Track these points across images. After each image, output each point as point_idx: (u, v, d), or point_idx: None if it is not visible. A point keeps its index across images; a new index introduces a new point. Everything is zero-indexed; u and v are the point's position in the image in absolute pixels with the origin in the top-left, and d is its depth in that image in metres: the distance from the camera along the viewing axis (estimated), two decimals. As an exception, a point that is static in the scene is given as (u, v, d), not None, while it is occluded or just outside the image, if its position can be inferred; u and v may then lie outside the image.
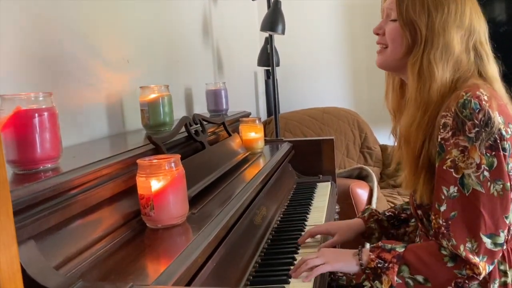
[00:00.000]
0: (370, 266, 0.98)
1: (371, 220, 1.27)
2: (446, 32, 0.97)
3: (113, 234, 0.85)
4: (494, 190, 0.90)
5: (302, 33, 3.27)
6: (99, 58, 1.34)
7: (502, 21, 2.97)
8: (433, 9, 0.98)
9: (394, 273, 0.94)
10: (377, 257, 0.98)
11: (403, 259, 0.95)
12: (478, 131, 0.90)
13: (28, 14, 1.07)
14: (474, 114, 0.90)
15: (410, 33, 1.00)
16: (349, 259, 1.02)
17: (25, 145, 0.78)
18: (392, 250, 0.97)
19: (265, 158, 1.67)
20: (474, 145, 0.90)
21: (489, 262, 0.91)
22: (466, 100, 0.91)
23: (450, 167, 0.93)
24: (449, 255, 0.93)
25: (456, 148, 0.92)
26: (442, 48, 0.97)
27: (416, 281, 0.94)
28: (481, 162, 0.90)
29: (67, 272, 0.69)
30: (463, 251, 0.90)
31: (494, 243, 0.91)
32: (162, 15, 1.78)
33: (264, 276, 1.03)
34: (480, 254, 0.90)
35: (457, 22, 0.98)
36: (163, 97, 1.36)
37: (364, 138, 2.88)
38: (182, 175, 0.93)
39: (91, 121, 1.30)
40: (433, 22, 0.98)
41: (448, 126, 0.93)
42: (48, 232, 0.71)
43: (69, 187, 0.77)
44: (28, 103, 0.79)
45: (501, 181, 0.90)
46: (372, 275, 0.97)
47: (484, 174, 0.90)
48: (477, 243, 0.90)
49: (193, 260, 0.75)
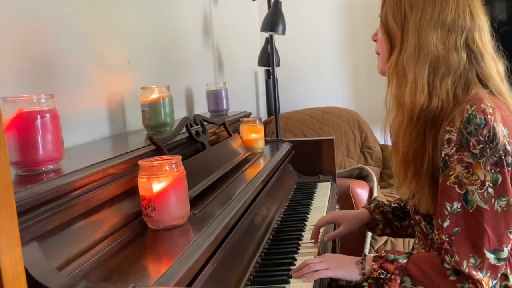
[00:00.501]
0: (372, 276, 0.98)
1: (376, 211, 1.28)
2: (420, 32, 0.95)
3: (115, 235, 0.85)
4: (499, 206, 0.89)
5: (302, 33, 3.27)
6: (100, 59, 1.35)
7: (503, 21, 2.97)
8: (408, 10, 0.96)
9: (397, 285, 0.95)
10: (380, 267, 0.97)
11: (406, 270, 0.95)
12: (483, 148, 0.88)
13: (28, 17, 1.08)
14: (479, 130, 0.88)
15: (389, 37, 1.01)
16: (352, 268, 1.02)
17: (28, 147, 0.78)
18: (395, 261, 0.97)
19: (266, 158, 1.68)
20: (478, 162, 0.89)
21: (492, 277, 0.90)
22: (471, 115, 0.89)
23: (454, 183, 0.91)
24: (452, 269, 0.92)
25: (460, 164, 0.90)
26: (414, 49, 0.95)
27: None
28: (485, 179, 0.89)
29: (69, 273, 0.70)
30: (466, 267, 0.89)
31: (497, 258, 0.90)
32: (162, 16, 1.79)
33: (265, 276, 1.04)
34: (483, 270, 0.89)
35: (434, 21, 0.95)
36: (164, 97, 1.37)
37: (364, 138, 2.89)
38: (183, 176, 0.93)
39: (92, 121, 1.30)
40: (408, 23, 0.96)
41: (452, 142, 0.91)
42: (50, 233, 0.72)
43: (71, 189, 0.78)
44: (31, 105, 0.79)
45: (506, 197, 0.89)
46: (374, 285, 0.97)
47: (489, 191, 0.89)
48: (480, 259, 0.89)
49: (194, 261, 0.76)
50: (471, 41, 0.97)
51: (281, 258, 1.14)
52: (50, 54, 1.14)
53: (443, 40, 0.95)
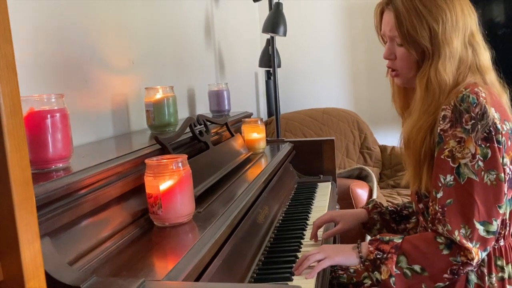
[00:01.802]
0: (369, 258, 1.02)
1: (374, 211, 1.30)
2: (449, 40, 1.02)
3: (122, 232, 0.87)
4: (488, 179, 0.95)
5: (303, 34, 3.29)
6: (105, 59, 1.36)
7: (501, 23, 3.00)
8: (432, 23, 1.02)
9: (393, 263, 0.98)
10: (376, 248, 1.02)
11: (401, 249, 0.99)
12: (474, 123, 0.95)
13: (35, 18, 1.09)
14: (471, 108, 0.96)
15: (417, 52, 1.05)
16: (349, 253, 1.06)
17: (38, 145, 0.80)
18: (390, 241, 1.02)
19: (267, 158, 1.69)
20: (470, 136, 0.95)
21: (481, 249, 0.95)
22: (465, 95, 0.97)
23: (447, 156, 0.97)
24: (444, 243, 0.96)
25: (453, 139, 0.97)
26: (448, 56, 1.02)
27: (413, 271, 0.98)
28: (476, 152, 0.95)
29: (79, 268, 0.71)
30: (458, 235, 0.94)
31: (486, 230, 0.94)
32: (166, 18, 1.81)
33: (268, 273, 1.06)
34: (473, 240, 0.94)
35: (455, 27, 1.03)
36: (168, 98, 1.39)
37: (363, 138, 2.91)
38: (189, 174, 0.95)
39: (97, 121, 1.32)
40: (436, 34, 1.02)
41: (447, 118, 0.98)
42: (61, 230, 0.74)
43: (81, 186, 0.79)
44: (41, 104, 0.81)
45: (495, 171, 0.95)
46: (371, 267, 1.01)
47: (479, 164, 0.95)
48: (470, 229, 0.94)
49: (201, 257, 0.78)
50: (471, 37, 1.05)
51: (283, 256, 1.15)
52: (57, 54, 1.16)
53: (461, 41, 1.03)
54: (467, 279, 1.01)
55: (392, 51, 1.10)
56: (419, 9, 1.02)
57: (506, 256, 1.02)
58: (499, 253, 1.03)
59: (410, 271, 0.98)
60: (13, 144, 0.44)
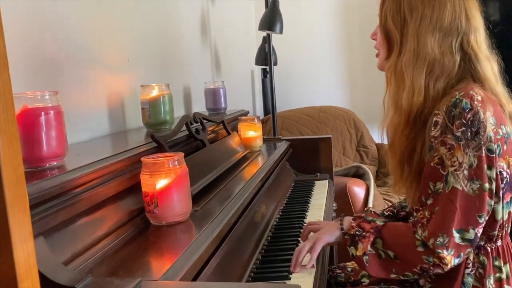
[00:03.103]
0: (349, 232, 1.04)
1: None
2: (419, 37, 0.97)
3: (118, 231, 0.86)
4: (470, 188, 0.92)
5: (299, 32, 3.28)
6: (100, 57, 1.35)
7: (496, 21, 3.00)
8: (408, 14, 0.99)
9: (369, 242, 0.99)
10: (357, 225, 1.04)
11: (380, 232, 1.00)
12: (464, 131, 0.92)
13: (29, 15, 1.08)
14: (463, 114, 0.92)
15: (387, 39, 1.04)
16: (331, 228, 1.10)
17: (32, 143, 0.79)
18: (372, 222, 1.03)
19: (264, 157, 1.68)
20: (459, 144, 0.92)
21: (455, 256, 0.93)
22: (458, 99, 0.93)
23: (437, 164, 0.95)
24: (421, 241, 0.96)
25: (443, 146, 0.94)
26: (413, 53, 0.98)
27: (387, 254, 0.99)
28: (463, 161, 0.92)
29: (74, 268, 0.70)
30: (431, 244, 0.93)
31: (462, 237, 0.93)
32: (161, 15, 1.79)
33: (265, 272, 1.05)
34: (449, 248, 0.93)
35: (433, 25, 0.97)
36: (164, 95, 1.37)
37: (360, 136, 2.90)
38: (185, 173, 0.94)
39: (92, 119, 1.30)
40: (407, 27, 0.99)
41: (438, 124, 0.95)
42: (55, 229, 0.72)
43: (75, 185, 0.78)
44: (35, 102, 0.80)
45: (479, 181, 0.93)
46: (349, 241, 1.03)
47: (464, 173, 0.92)
48: (448, 238, 0.93)
49: (198, 256, 0.77)
50: (466, 44, 0.99)
51: (281, 254, 1.14)
52: (51, 52, 1.14)
53: (439, 43, 0.98)
54: (463, 282, 1.00)
55: (375, 31, 1.11)
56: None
57: (504, 256, 1.01)
58: (496, 253, 1.02)
59: (384, 254, 0.99)
60: (5, 140, 0.43)
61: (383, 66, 1.11)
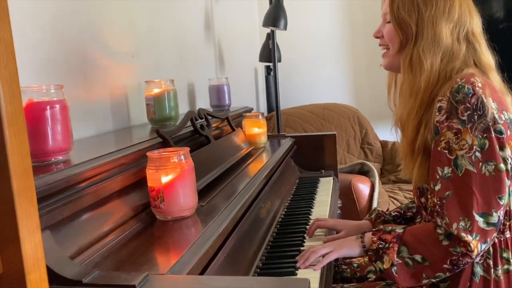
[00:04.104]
0: (372, 248, 1.02)
1: (378, 221, 1.29)
2: (435, 25, 1.03)
3: (124, 226, 0.85)
4: (486, 170, 0.93)
5: (303, 29, 3.27)
6: (104, 53, 1.34)
7: (501, 18, 2.99)
8: (422, 5, 1.04)
9: (395, 252, 0.98)
10: (379, 239, 1.02)
11: (402, 239, 1.00)
12: (470, 114, 0.94)
13: (34, 10, 1.07)
14: (466, 98, 0.95)
15: (403, 31, 1.06)
16: (353, 244, 1.08)
17: (37, 137, 0.78)
18: (392, 231, 1.02)
19: (268, 153, 1.68)
20: (466, 127, 0.94)
21: (481, 241, 0.93)
22: (460, 85, 0.96)
23: (444, 148, 0.97)
24: (444, 234, 0.96)
25: (450, 130, 0.96)
26: (430, 40, 1.03)
27: (414, 260, 0.98)
28: (473, 143, 0.94)
29: (81, 262, 0.70)
30: (455, 229, 0.93)
31: (486, 222, 0.93)
32: (165, 12, 1.78)
33: (271, 268, 1.04)
34: (473, 233, 0.93)
35: (446, 16, 1.03)
36: (169, 91, 1.37)
37: (364, 134, 2.89)
38: (191, 167, 0.93)
39: (97, 115, 1.30)
40: (422, 17, 1.04)
41: (443, 109, 0.97)
42: (61, 223, 0.72)
43: (81, 179, 0.78)
44: (40, 95, 0.79)
45: (493, 161, 0.93)
46: (374, 256, 1.01)
47: (476, 155, 0.94)
48: (470, 222, 0.93)
49: (205, 250, 0.76)
50: (471, 34, 1.06)
51: (287, 250, 1.14)
52: (56, 48, 1.14)
53: (451, 32, 1.04)
54: (472, 272, 1.00)
55: (380, 29, 1.14)
56: None
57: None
58: (504, 245, 1.01)
59: (411, 261, 0.98)
60: (12, 130, 0.42)
61: (392, 64, 1.13)
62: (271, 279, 0.73)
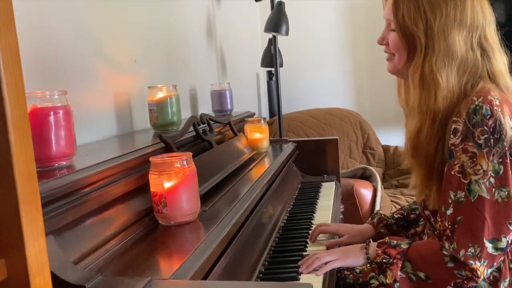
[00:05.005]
0: (376, 260, 1.01)
1: (380, 225, 1.28)
2: (446, 35, 0.94)
3: (127, 231, 0.86)
4: (499, 196, 0.91)
5: (305, 34, 3.28)
6: (107, 58, 1.35)
7: (502, 23, 2.99)
8: (430, 13, 0.95)
9: (398, 269, 0.97)
10: (383, 252, 1.01)
11: (407, 256, 0.98)
12: (487, 138, 0.90)
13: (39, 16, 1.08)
14: (484, 121, 0.90)
15: (408, 42, 0.98)
16: (358, 254, 1.06)
17: (41, 143, 0.78)
18: (397, 247, 1.00)
19: (270, 158, 1.68)
20: (482, 152, 0.90)
21: (488, 266, 0.92)
22: (477, 106, 0.90)
23: (458, 172, 0.93)
24: (449, 256, 0.94)
25: (464, 154, 0.92)
26: (444, 53, 0.94)
27: (418, 277, 0.96)
28: (488, 169, 0.90)
29: (84, 267, 0.70)
30: (462, 256, 0.91)
31: (495, 247, 0.91)
32: (167, 17, 1.79)
33: (274, 273, 1.04)
34: (481, 259, 0.91)
35: (458, 22, 0.94)
36: (171, 96, 1.37)
37: (366, 138, 2.89)
38: (194, 172, 0.93)
39: (100, 120, 1.30)
40: (432, 27, 0.94)
41: (458, 132, 0.92)
42: (65, 228, 0.72)
43: (84, 184, 0.78)
44: (44, 101, 0.80)
45: (506, 188, 0.91)
46: (377, 269, 1.00)
47: (490, 181, 0.91)
48: (480, 248, 0.91)
49: (207, 256, 0.76)
50: (484, 39, 0.98)
51: (289, 255, 1.14)
52: (59, 53, 1.15)
53: (465, 40, 0.95)
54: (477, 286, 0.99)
55: (384, 36, 1.06)
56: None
57: None
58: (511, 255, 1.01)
59: (415, 277, 0.96)
60: (17, 136, 0.43)
61: (399, 71, 1.06)
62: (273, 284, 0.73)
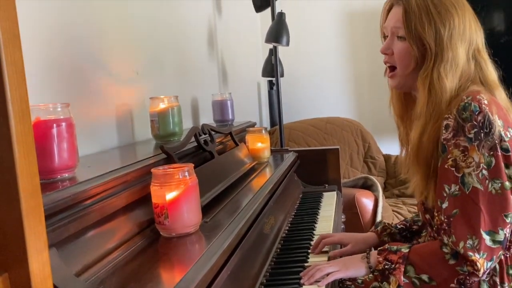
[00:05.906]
0: (378, 268, 1.02)
1: (384, 233, 1.29)
2: (453, 45, 1.02)
3: (129, 243, 0.86)
4: (493, 188, 0.94)
5: (305, 44, 3.30)
6: (109, 69, 1.36)
7: (502, 32, 3.01)
8: (440, 24, 1.02)
9: (401, 273, 0.98)
10: (384, 259, 1.02)
11: (408, 259, 0.99)
12: (477, 132, 0.95)
13: (40, 28, 1.09)
14: (473, 116, 0.95)
15: (419, 48, 1.04)
16: (359, 264, 1.07)
17: (44, 155, 0.79)
18: (398, 251, 1.02)
19: (272, 168, 1.68)
20: (473, 145, 0.95)
21: (488, 259, 0.93)
22: (466, 103, 0.97)
23: (451, 166, 0.97)
24: (450, 253, 0.96)
25: (457, 148, 0.96)
26: (450, 61, 1.02)
27: (421, 280, 0.98)
28: (480, 161, 0.94)
29: (86, 279, 0.70)
30: (462, 248, 0.93)
31: (493, 240, 0.93)
32: (168, 28, 1.81)
33: (276, 284, 1.04)
34: (480, 251, 0.93)
35: (461, 35, 1.03)
36: (173, 107, 1.38)
37: (367, 148, 2.90)
38: (195, 184, 0.94)
39: (101, 131, 1.31)
40: (441, 37, 1.02)
41: (449, 127, 0.98)
42: (67, 241, 0.72)
43: (87, 196, 0.78)
44: (47, 114, 0.80)
45: (500, 180, 0.94)
46: (380, 277, 1.01)
47: (483, 173, 0.94)
48: (477, 240, 0.93)
49: (209, 267, 0.76)
50: (477, 51, 1.06)
51: (291, 266, 1.14)
52: (61, 65, 1.16)
53: (465, 51, 1.03)
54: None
55: (389, 45, 1.09)
56: (430, 9, 1.02)
57: None
58: (511, 261, 1.01)
59: (418, 280, 0.98)
60: (22, 150, 0.43)
61: (403, 85, 1.10)
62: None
